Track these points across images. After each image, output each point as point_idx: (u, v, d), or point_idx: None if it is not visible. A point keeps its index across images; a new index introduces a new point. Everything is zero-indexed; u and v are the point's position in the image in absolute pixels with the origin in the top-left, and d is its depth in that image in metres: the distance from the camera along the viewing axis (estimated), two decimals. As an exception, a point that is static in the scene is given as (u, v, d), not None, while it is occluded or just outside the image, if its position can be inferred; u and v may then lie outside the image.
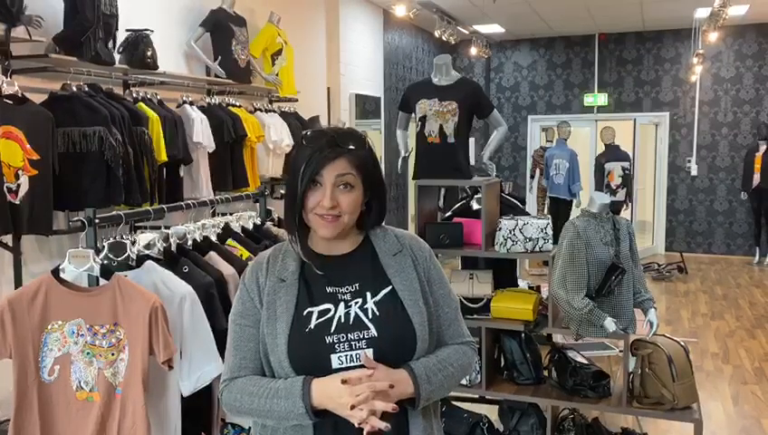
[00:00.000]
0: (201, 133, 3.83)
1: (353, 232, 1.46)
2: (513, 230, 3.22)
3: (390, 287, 1.41)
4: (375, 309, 1.38)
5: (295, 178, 1.37)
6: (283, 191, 4.58)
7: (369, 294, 1.40)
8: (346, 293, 1.40)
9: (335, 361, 1.33)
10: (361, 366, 1.32)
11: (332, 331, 1.35)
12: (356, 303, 1.38)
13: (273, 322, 1.38)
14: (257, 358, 1.41)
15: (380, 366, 1.32)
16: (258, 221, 2.82)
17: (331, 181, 1.35)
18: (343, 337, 1.34)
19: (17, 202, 2.74)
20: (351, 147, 1.38)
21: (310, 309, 1.38)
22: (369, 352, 1.34)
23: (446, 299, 1.49)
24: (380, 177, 1.46)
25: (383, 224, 1.52)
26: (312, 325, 1.36)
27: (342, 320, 1.36)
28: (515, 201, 4.04)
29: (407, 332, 1.38)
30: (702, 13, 7.83)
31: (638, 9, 8.00)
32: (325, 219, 1.36)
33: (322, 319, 1.36)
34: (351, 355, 1.33)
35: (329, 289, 1.40)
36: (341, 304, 1.38)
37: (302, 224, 1.40)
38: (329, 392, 1.29)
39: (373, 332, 1.35)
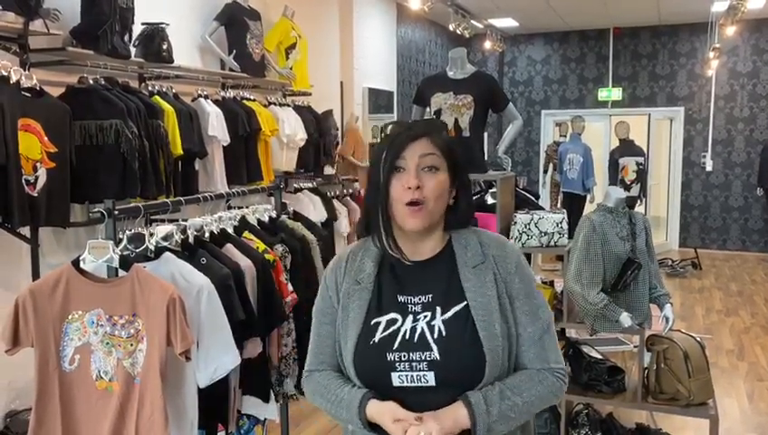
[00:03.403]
0: (216, 127, 3.84)
1: (438, 231, 1.37)
2: (529, 224, 3.21)
3: (464, 304, 1.31)
4: (442, 328, 1.29)
5: (377, 166, 1.32)
6: (296, 185, 4.63)
7: (439, 310, 1.31)
8: (417, 304, 1.33)
9: (395, 379, 1.28)
10: (422, 388, 1.28)
11: (395, 347, 1.29)
12: (424, 317, 1.31)
13: (346, 327, 1.35)
14: (334, 355, 1.40)
15: (427, 416, 1.23)
16: (274, 214, 2.83)
17: (415, 162, 1.29)
18: (405, 356, 1.28)
19: (35, 194, 2.76)
20: (431, 130, 1.33)
21: (377, 319, 1.33)
22: (430, 375, 1.27)
23: (530, 318, 1.34)
24: (467, 168, 1.38)
25: (471, 226, 1.41)
26: (376, 338, 1.31)
27: (407, 336, 1.30)
28: (530, 196, 4.03)
29: (474, 357, 1.27)
30: (719, 6, 7.74)
31: (653, 3, 7.92)
32: (411, 209, 1.28)
33: (388, 332, 1.31)
34: (412, 375, 1.27)
35: (400, 298, 1.34)
36: (410, 317, 1.31)
37: (387, 216, 1.33)
38: (382, 420, 1.27)
39: (435, 354, 1.27)
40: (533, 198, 4.11)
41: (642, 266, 3.00)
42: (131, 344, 1.87)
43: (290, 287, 2.53)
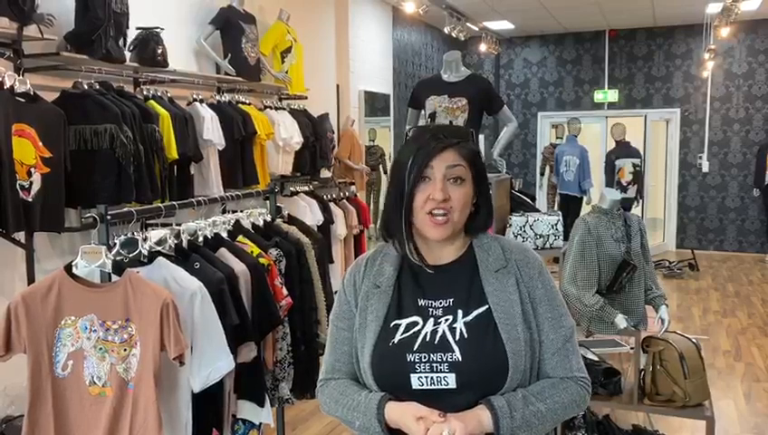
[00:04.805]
0: (211, 131, 3.84)
1: (459, 238, 1.36)
2: (524, 227, 3.21)
3: (486, 307, 1.29)
4: (464, 330, 1.27)
5: (401, 175, 1.30)
6: (293, 189, 4.63)
7: (460, 313, 1.29)
8: (438, 308, 1.31)
9: (415, 381, 1.26)
10: (442, 391, 1.25)
11: (415, 349, 1.27)
12: (446, 320, 1.29)
13: (363, 330, 1.33)
14: (350, 362, 1.37)
15: (451, 416, 1.21)
16: (268, 218, 2.83)
17: (442, 173, 1.28)
18: (425, 357, 1.26)
19: (30, 199, 2.76)
20: (459, 140, 1.32)
21: (397, 321, 1.31)
22: (451, 377, 1.25)
23: (553, 325, 1.32)
24: (486, 176, 1.38)
25: (492, 232, 1.39)
26: (396, 339, 1.29)
27: (428, 338, 1.28)
28: (525, 198, 4.03)
29: (497, 359, 1.25)
30: (714, 8, 7.77)
31: (648, 5, 7.95)
32: (435, 220, 1.28)
33: (408, 334, 1.29)
34: (432, 377, 1.25)
35: (421, 302, 1.33)
36: (431, 320, 1.30)
37: (408, 223, 1.32)
38: (402, 419, 1.24)
39: (457, 355, 1.25)
40: (529, 201, 4.11)
41: (637, 268, 3.00)
42: (125, 350, 1.86)
43: (284, 291, 2.53)
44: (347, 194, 5.26)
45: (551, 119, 10.02)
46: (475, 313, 1.29)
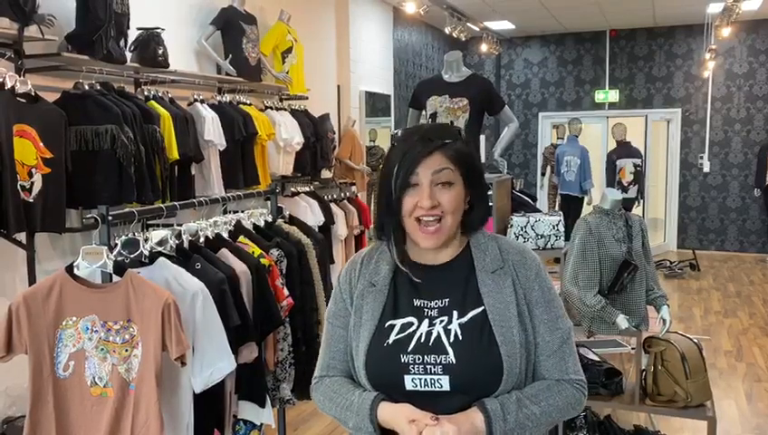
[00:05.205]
0: (212, 131, 3.84)
1: (456, 235, 1.34)
2: (525, 227, 3.21)
3: (482, 309, 1.28)
4: (459, 332, 1.27)
5: (389, 179, 1.28)
6: (293, 189, 4.63)
7: (455, 314, 1.29)
8: (434, 308, 1.30)
9: (408, 382, 1.25)
10: (436, 393, 1.25)
11: (409, 350, 1.27)
12: (441, 321, 1.28)
13: (359, 329, 1.33)
14: (345, 359, 1.37)
15: (443, 419, 1.20)
16: (269, 218, 2.83)
17: (429, 179, 1.26)
18: (419, 359, 1.25)
19: (31, 200, 2.76)
20: (446, 141, 1.29)
21: (392, 322, 1.30)
22: (445, 380, 1.24)
23: (549, 327, 1.31)
24: (481, 172, 1.36)
25: (489, 231, 1.38)
26: (390, 340, 1.29)
27: (422, 339, 1.27)
28: (526, 198, 4.03)
29: (491, 362, 1.24)
30: (714, 8, 7.77)
31: (649, 5, 7.94)
32: (425, 230, 1.27)
33: (402, 334, 1.29)
34: (426, 379, 1.25)
35: (416, 302, 1.32)
36: (426, 321, 1.29)
37: (399, 227, 1.31)
38: (395, 421, 1.23)
39: (451, 358, 1.25)
40: (530, 201, 4.11)
41: (639, 268, 3.00)
42: (126, 350, 1.86)
43: (286, 292, 2.53)
44: (348, 194, 5.26)
45: (551, 119, 10.02)
46: (471, 314, 1.28)
